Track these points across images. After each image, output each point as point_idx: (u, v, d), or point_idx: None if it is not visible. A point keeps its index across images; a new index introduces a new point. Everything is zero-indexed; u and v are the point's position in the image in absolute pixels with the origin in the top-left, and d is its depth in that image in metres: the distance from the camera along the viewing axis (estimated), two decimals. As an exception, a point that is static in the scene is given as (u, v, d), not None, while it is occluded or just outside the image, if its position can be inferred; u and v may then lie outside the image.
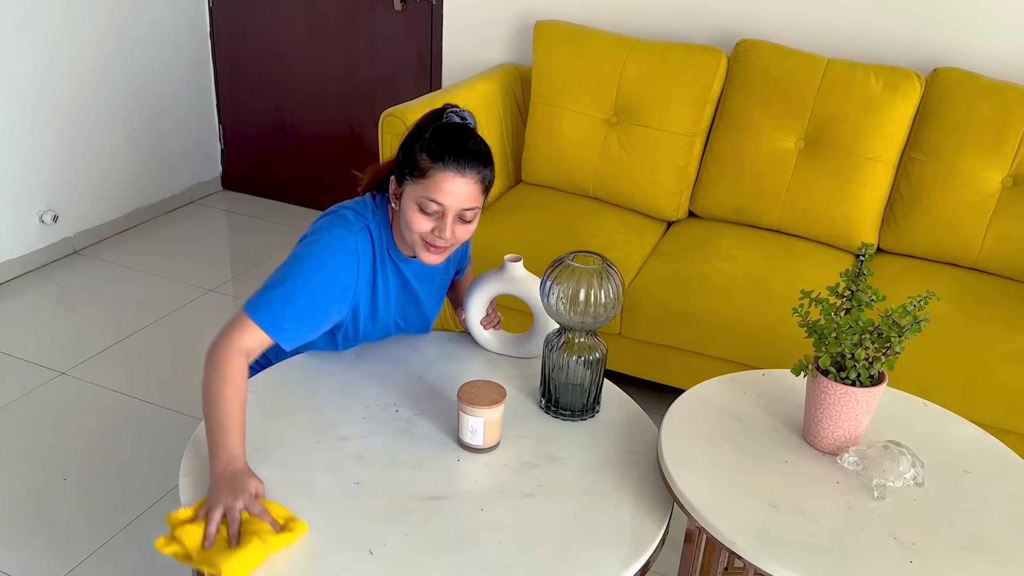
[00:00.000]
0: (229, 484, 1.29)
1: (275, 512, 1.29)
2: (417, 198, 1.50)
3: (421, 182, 1.49)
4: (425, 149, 1.49)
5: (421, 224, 1.51)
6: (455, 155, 1.47)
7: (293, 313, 1.48)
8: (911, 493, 1.38)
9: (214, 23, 3.75)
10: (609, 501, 1.42)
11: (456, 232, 1.52)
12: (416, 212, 1.50)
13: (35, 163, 3.16)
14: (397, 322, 1.79)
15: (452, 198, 1.48)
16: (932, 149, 2.52)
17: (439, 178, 1.47)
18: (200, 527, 1.26)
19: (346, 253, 1.53)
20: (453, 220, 1.51)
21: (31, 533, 2.04)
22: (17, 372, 2.62)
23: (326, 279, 1.50)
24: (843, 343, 1.37)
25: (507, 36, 3.19)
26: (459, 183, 1.48)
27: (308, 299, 1.49)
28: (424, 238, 1.53)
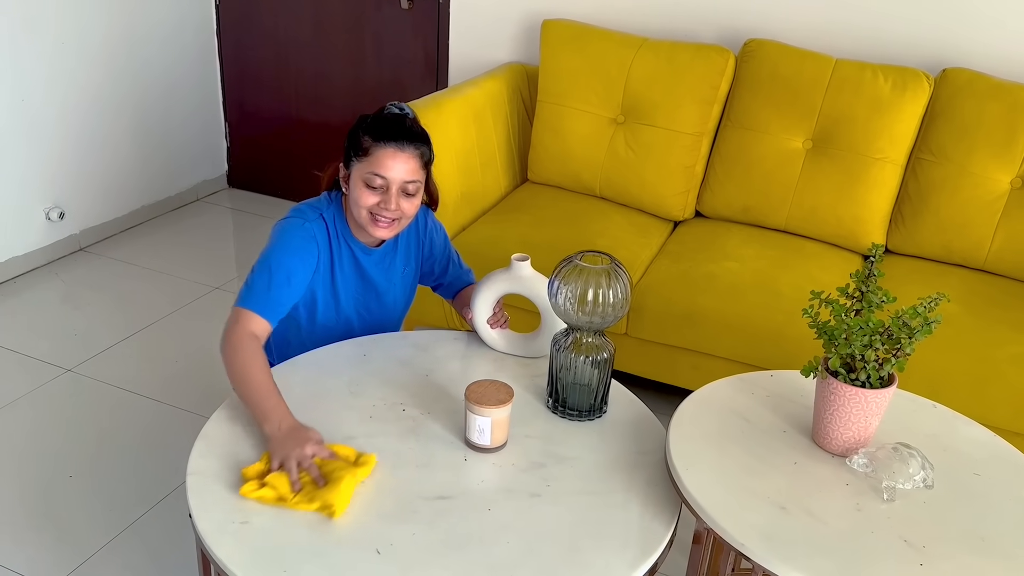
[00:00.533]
0: (291, 438, 1.43)
1: (342, 451, 1.45)
2: (363, 175, 1.66)
3: (365, 160, 1.65)
4: (367, 131, 1.66)
5: (368, 199, 1.66)
6: (394, 134, 1.65)
7: (276, 294, 1.65)
8: (921, 495, 1.38)
9: (220, 21, 3.75)
10: (617, 502, 1.41)
11: (401, 205, 1.67)
12: (363, 188, 1.66)
13: (42, 160, 3.16)
14: (360, 312, 1.83)
15: (394, 172, 1.64)
16: (941, 150, 2.50)
17: (381, 154, 1.64)
18: (285, 476, 1.37)
19: (305, 236, 1.69)
20: (397, 193, 1.66)
21: (37, 530, 2.04)
22: (23, 369, 2.62)
23: (294, 259, 1.67)
24: (853, 344, 1.37)
25: (514, 35, 3.18)
26: (399, 158, 1.64)
27: (285, 279, 1.66)
28: (371, 211, 1.67)
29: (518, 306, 1.96)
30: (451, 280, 1.96)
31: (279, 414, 1.47)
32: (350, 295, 1.82)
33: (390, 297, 1.87)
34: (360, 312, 1.85)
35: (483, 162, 2.78)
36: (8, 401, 2.47)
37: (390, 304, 1.88)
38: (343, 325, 1.84)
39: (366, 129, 1.66)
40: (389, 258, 1.84)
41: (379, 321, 1.89)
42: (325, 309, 1.81)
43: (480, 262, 2.43)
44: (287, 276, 1.66)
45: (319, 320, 1.82)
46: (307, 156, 3.79)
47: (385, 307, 1.88)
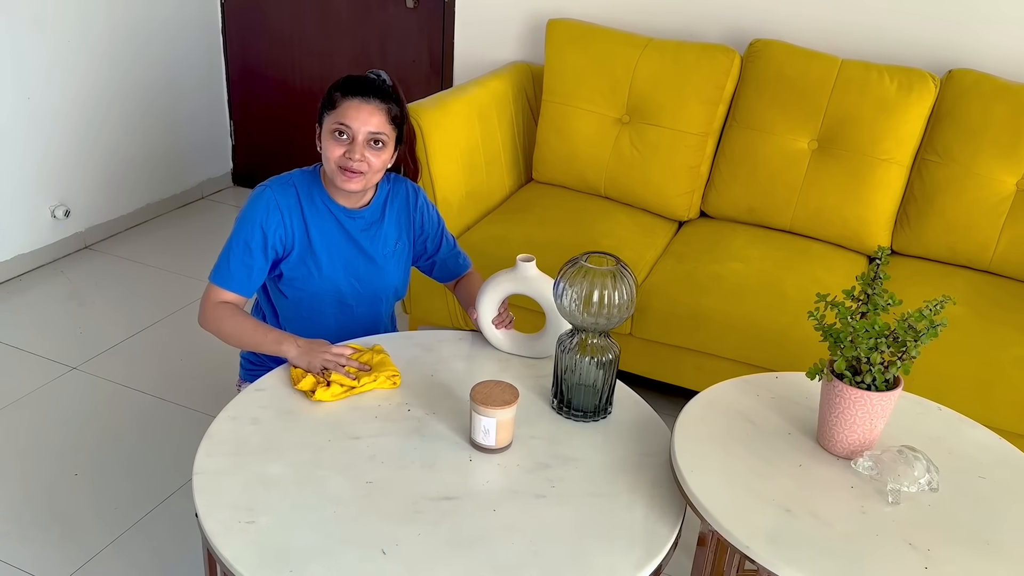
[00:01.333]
0: (314, 348, 1.65)
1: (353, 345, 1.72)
2: (330, 127, 1.71)
3: (332, 112, 1.71)
4: (337, 88, 1.72)
5: (335, 150, 1.71)
6: (361, 89, 1.70)
7: (237, 266, 1.74)
8: (926, 498, 1.38)
9: (226, 19, 3.75)
10: (622, 503, 1.41)
11: (368, 157, 1.70)
12: (330, 140, 1.71)
13: (47, 158, 3.17)
14: (349, 279, 1.85)
15: (359, 122, 1.69)
16: (947, 151, 2.50)
17: (346, 105, 1.69)
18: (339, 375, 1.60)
19: (264, 202, 1.75)
20: (363, 143, 1.70)
21: (43, 528, 2.05)
22: (29, 367, 2.63)
23: (251, 228, 1.74)
24: (859, 347, 1.37)
25: (519, 34, 3.18)
26: (364, 108, 1.69)
27: (244, 250, 1.74)
28: (338, 163, 1.71)
29: (523, 306, 1.96)
30: (444, 257, 1.96)
31: (287, 337, 1.68)
32: (335, 258, 1.82)
33: (380, 266, 1.87)
34: (349, 278, 1.85)
35: (488, 161, 2.78)
36: (14, 399, 2.48)
37: (380, 274, 1.87)
38: (331, 291, 1.84)
39: (336, 87, 1.72)
40: (377, 226, 1.85)
41: (372, 290, 1.89)
42: (308, 274, 1.81)
43: (485, 261, 2.44)
44: (245, 245, 1.74)
45: (302, 286, 1.83)
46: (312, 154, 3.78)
47: (376, 276, 1.87)
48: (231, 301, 1.74)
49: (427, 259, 1.98)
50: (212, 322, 1.74)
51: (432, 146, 2.48)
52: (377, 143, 1.71)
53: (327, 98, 1.73)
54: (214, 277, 1.75)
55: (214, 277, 1.75)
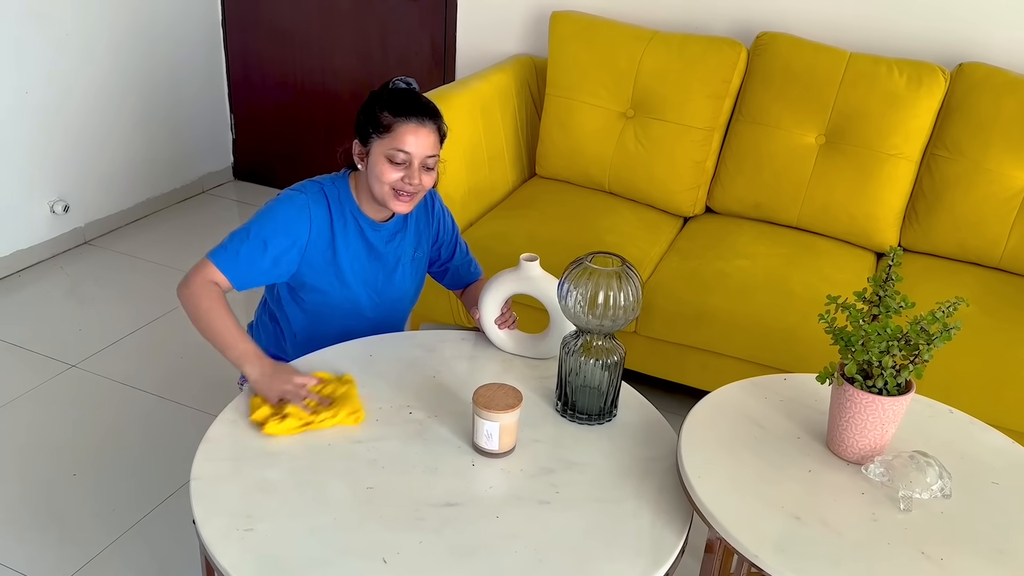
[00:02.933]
0: (278, 375, 1.55)
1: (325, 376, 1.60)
2: (385, 151, 1.66)
3: (387, 136, 1.66)
4: (387, 107, 1.66)
5: (391, 174, 1.66)
6: (414, 109, 1.66)
7: (245, 257, 1.66)
8: (938, 505, 1.35)
9: (226, 12, 3.71)
10: (627, 509, 1.39)
11: (422, 179, 1.68)
12: (385, 164, 1.66)
13: (46, 153, 3.14)
14: (368, 291, 1.82)
15: (416, 147, 1.66)
16: (956, 146, 2.46)
17: (403, 130, 1.65)
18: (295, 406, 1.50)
19: (297, 208, 1.69)
20: (419, 167, 1.67)
21: (41, 529, 2.03)
22: (28, 364, 2.60)
23: (275, 229, 1.68)
24: (870, 351, 1.34)
25: (522, 26, 3.14)
26: (421, 133, 1.66)
27: (259, 246, 1.67)
28: (394, 187, 1.67)
29: (527, 304, 1.93)
30: (457, 265, 1.94)
31: (255, 356, 1.58)
32: (357, 271, 1.79)
33: (399, 277, 1.85)
34: (368, 291, 1.82)
35: (491, 156, 2.75)
36: (12, 397, 2.45)
37: (398, 285, 1.85)
38: (350, 303, 1.81)
39: (383, 105, 1.67)
40: (400, 237, 1.82)
41: (389, 301, 1.86)
42: (329, 285, 1.78)
43: (488, 257, 2.41)
44: (263, 242, 1.67)
45: (322, 296, 1.80)
46: (312, 148, 3.76)
47: (394, 287, 1.85)
48: (219, 283, 1.65)
49: (440, 265, 1.95)
50: (192, 296, 1.62)
51: (434, 141, 2.45)
52: (430, 167, 1.70)
53: (373, 117, 1.66)
54: (216, 256, 1.65)
55: (216, 256, 1.65)
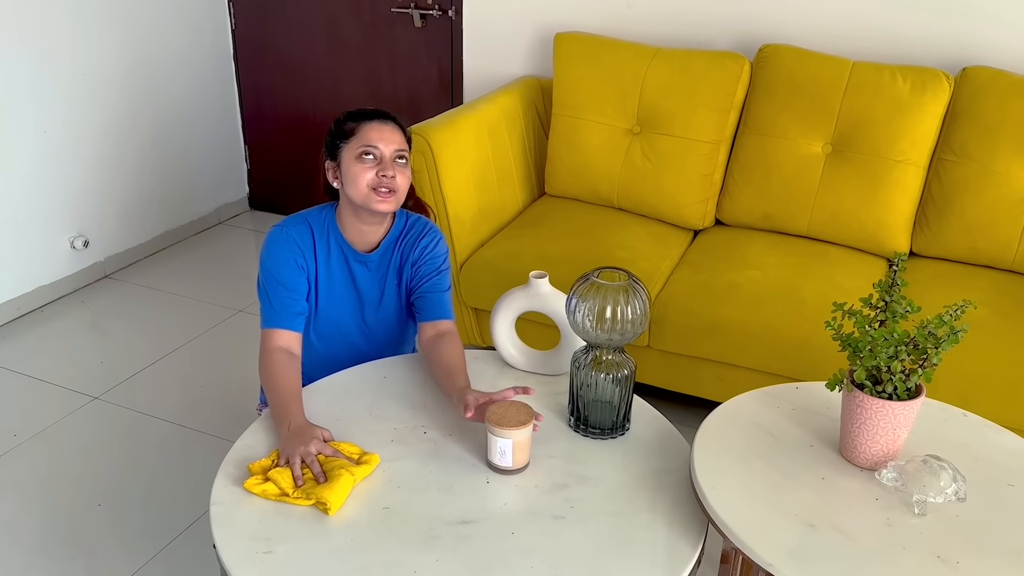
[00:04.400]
0: (297, 436, 1.49)
1: (347, 450, 1.50)
2: (355, 153, 1.70)
3: (352, 139, 1.71)
4: (348, 118, 1.74)
5: (366, 174, 1.69)
6: (374, 114, 1.74)
7: (279, 305, 1.73)
8: (953, 509, 1.34)
9: (237, 47, 3.78)
10: (642, 522, 1.39)
11: (397, 174, 1.70)
12: (357, 165, 1.70)
13: (65, 190, 3.20)
14: (356, 322, 1.84)
15: (383, 141, 1.70)
16: (964, 150, 2.46)
17: (367, 128, 1.71)
18: (287, 471, 1.44)
19: (281, 241, 1.76)
20: (391, 160, 1.70)
21: (67, 559, 2.06)
22: (52, 398, 2.65)
23: (280, 268, 1.74)
24: (878, 356, 1.34)
25: (527, 48, 3.18)
26: (385, 130, 1.72)
27: (280, 289, 1.73)
28: (371, 185, 1.69)
29: (538, 321, 1.95)
30: (425, 292, 1.80)
31: (290, 419, 1.55)
32: (335, 302, 1.83)
33: (388, 310, 1.87)
34: (355, 319, 1.85)
35: (500, 177, 2.78)
36: (38, 430, 2.50)
37: (386, 314, 1.87)
38: (337, 333, 1.85)
39: (346, 118, 1.75)
40: (383, 269, 1.83)
41: (385, 334, 1.89)
42: (314, 319, 1.82)
43: (499, 277, 2.44)
44: (280, 283, 1.73)
45: (313, 330, 1.84)
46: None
47: (382, 316, 1.87)
48: (283, 345, 1.70)
49: (413, 296, 1.83)
50: (261, 372, 1.68)
51: (442, 165, 2.48)
52: (402, 159, 1.73)
53: (338, 131, 1.73)
54: (266, 322, 1.72)
55: (266, 322, 1.72)
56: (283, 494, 1.41)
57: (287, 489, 1.41)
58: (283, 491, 1.41)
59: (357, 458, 1.49)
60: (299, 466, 1.44)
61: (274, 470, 1.44)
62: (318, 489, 1.40)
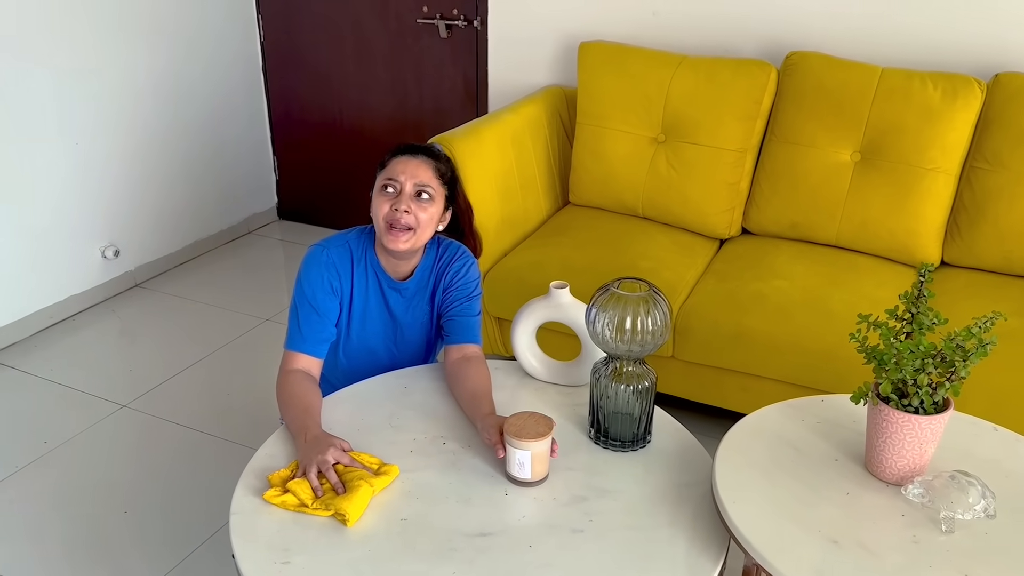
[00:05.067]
0: (313, 446, 1.49)
1: (365, 460, 1.50)
2: (379, 184, 1.73)
3: (382, 172, 1.74)
4: (391, 150, 1.77)
5: (383, 205, 1.70)
6: (410, 148, 1.76)
7: (307, 329, 1.73)
8: (982, 526, 1.31)
9: (266, 58, 3.82)
10: (662, 536, 1.38)
11: (415, 211, 1.69)
12: (379, 196, 1.72)
13: (96, 201, 3.25)
14: (387, 345, 1.85)
15: (405, 175, 1.70)
16: (996, 157, 2.41)
17: (394, 162, 1.73)
18: (306, 482, 1.43)
19: (321, 264, 1.76)
20: (410, 195, 1.70)
21: (93, 564, 2.08)
22: (81, 406, 2.68)
23: (314, 291, 1.74)
24: (904, 369, 1.31)
25: (552, 58, 3.18)
26: (412, 163, 1.72)
27: (312, 312, 1.74)
28: (387, 219, 1.70)
29: (559, 331, 1.94)
30: (455, 316, 1.80)
31: (308, 427, 1.55)
32: (376, 325, 1.83)
33: (419, 334, 1.88)
34: (388, 345, 1.86)
35: (523, 186, 2.78)
36: (67, 438, 2.53)
37: (415, 341, 1.89)
38: (367, 352, 1.85)
39: (391, 150, 1.78)
40: (419, 297, 1.84)
41: (410, 355, 1.90)
42: (345, 340, 1.83)
43: (522, 288, 2.43)
44: (312, 307, 1.74)
45: (342, 350, 1.85)
46: (354, 186, 3.84)
47: (411, 343, 1.89)
48: (303, 368, 1.71)
49: (443, 319, 1.83)
50: (279, 392, 1.69)
51: (465, 175, 2.48)
52: (423, 195, 1.70)
53: (381, 162, 1.76)
54: (288, 343, 1.73)
55: (288, 343, 1.73)
56: (302, 505, 1.41)
57: (306, 500, 1.42)
58: (302, 502, 1.42)
59: (376, 469, 1.49)
60: (316, 476, 1.45)
61: (293, 481, 1.45)
62: (337, 500, 1.40)
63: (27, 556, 2.09)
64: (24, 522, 2.20)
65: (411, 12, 3.40)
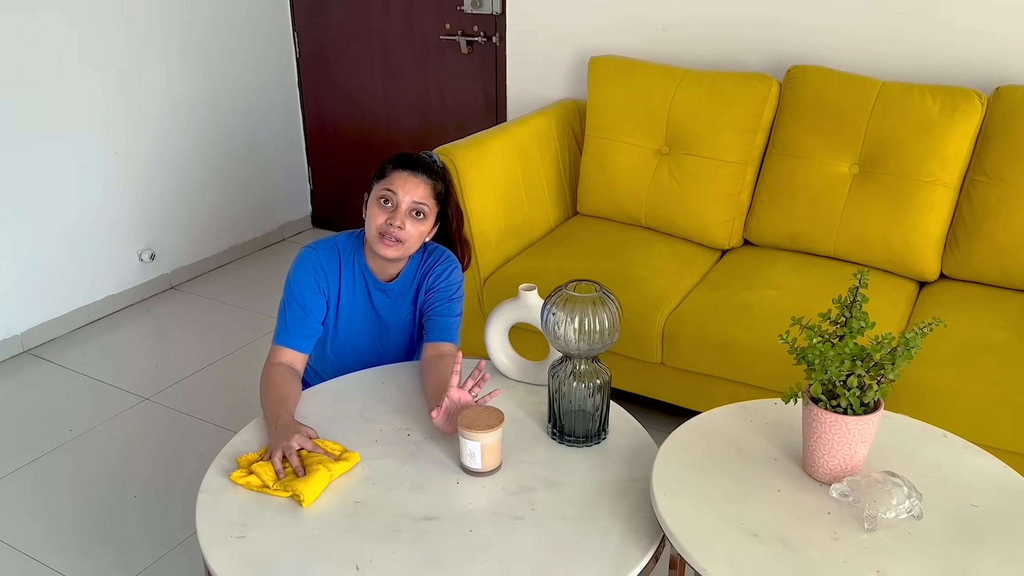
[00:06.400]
0: (281, 433, 1.60)
1: (328, 446, 1.60)
2: (376, 193, 1.80)
3: (381, 181, 1.81)
4: (391, 161, 1.83)
5: (379, 216, 1.78)
6: (409, 160, 1.82)
7: (293, 325, 1.84)
8: (906, 526, 1.33)
9: (301, 73, 4.00)
10: (599, 527, 1.43)
11: (407, 226, 1.78)
12: (375, 206, 1.79)
13: (134, 207, 3.44)
14: (373, 344, 1.93)
15: (404, 191, 1.78)
16: (995, 171, 2.40)
17: (394, 175, 1.80)
18: (270, 465, 1.54)
19: (309, 264, 1.86)
20: (405, 211, 1.78)
21: (101, 543, 2.22)
22: (107, 398, 2.85)
23: (302, 290, 1.85)
24: (829, 370, 1.35)
25: (567, 72, 3.25)
26: (412, 180, 1.79)
27: (299, 310, 1.84)
28: (380, 229, 1.78)
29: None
30: (434, 315, 1.89)
31: (280, 415, 1.65)
32: (362, 323, 1.93)
33: (400, 335, 1.97)
34: (373, 342, 1.95)
35: (529, 196, 2.85)
36: (91, 427, 2.70)
37: (399, 338, 1.98)
38: (353, 354, 1.94)
39: (389, 160, 1.84)
40: (403, 297, 1.93)
41: (399, 355, 2.00)
42: (332, 336, 1.92)
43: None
44: (299, 305, 1.84)
45: (330, 346, 1.94)
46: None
47: (396, 340, 1.98)
48: (286, 361, 1.81)
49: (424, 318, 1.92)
50: (261, 382, 1.79)
51: (467, 183, 2.57)
52: (419, 214, 1.79)
53: (379, 170, 1.83)
54: (277, 338, 1.84)
55: (277, 338, 1.84)
56: (264, 486, 1.52)
57: (268, 481, 1.52)
58: (264, 483, 1.52)
59: (338, 455, 1.59)
60: (280, 460, 1.54)
61: (257, 464, 1.55)
62: (295, 482, 1.50)
63: (41, 535, 2.25)
64: (43, 503, 2.36)
65: (434, 30, 3.53)
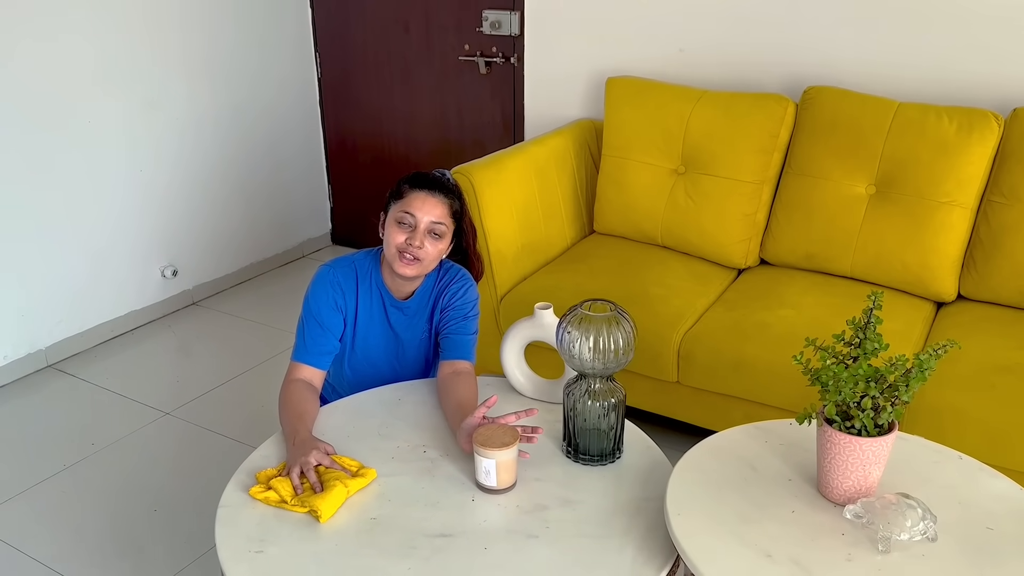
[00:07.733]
0: (299, 448, 1.62)
1: (345, 462, 1.62)
2: (395, 214, 1.83)
3: (399, 202, 1.84)
4: (407, 181, 1.86)
5: (398, 236, 1.81)
6: (427, 180, 1.85)
7: (311, 342, 1.87)
8: (920, 548, 1.33)
9: (323, 93, 4.05)
10: (612, 546, 1.44)
11: (426, 245, 1.81)
12: (394, 226, 1.82)
13: (157, 223, 3.50)
14: (390, 361, 1.95)
15: (422, 212, 1.81)
16: (1013, 192, 2.40)
17: (413, 195, 1.82)
18: (288, 481, 1.56)
19: (327, 282, 1.89)
20: (424, 232, 1.81)
21: (121, 556, 2.25)
22: (128, 412, 2.89)
23: (320, 308, 1.88)
24: (843, 391, 1.36)
25: (584, 92, 3.28)
26: (429, 200, 1.82)
27: (317, 327, 1.88)
28: (399, 248, 1.81)
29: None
30: (450, 334, 1.91)
31: (299, 431, 1.68)
32: (379, 340, 1.95)
33: (415, 349, 1.99)
34: (390, 359, 1.98)
35: (546, 215, 2.88)
36: (112, 441, 2.73)
37: (415, 355, 2.00)
38: (371, 370, 1.97)
39: (405, 180, 1.87)
40: (419, 315, 1.95)
41: (416, 371, 2.02)
42: (350, 353, 1.95)
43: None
44: (317, 322, 1.88)
45: (347, 363, 1.97)
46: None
47: (412, 357, 2.00)
48: (305, 378, 1.84)
49: (440, 336, 1.94)
50: (280, 399, 1.82)
51: (484, 202, 2.60)
52: (436, 234, 1.83)
53: (395, 189, 1.86)
54: (296, 355, 1.87)
55: (296, 355, 1.87)
56: (282, 501, 1.54)
57: (286, 497, 1.54)
58: (282, 498, 1.54)
59: (355, 471, 1.61)
60: (298, 475, 1.57)
61: (276, 479, 1.58)
62: (313, 498, 1.52)
63: (62, 548, 2.28)
64: (64, 516, 2.40)
65: (453, 50, 3.57)
